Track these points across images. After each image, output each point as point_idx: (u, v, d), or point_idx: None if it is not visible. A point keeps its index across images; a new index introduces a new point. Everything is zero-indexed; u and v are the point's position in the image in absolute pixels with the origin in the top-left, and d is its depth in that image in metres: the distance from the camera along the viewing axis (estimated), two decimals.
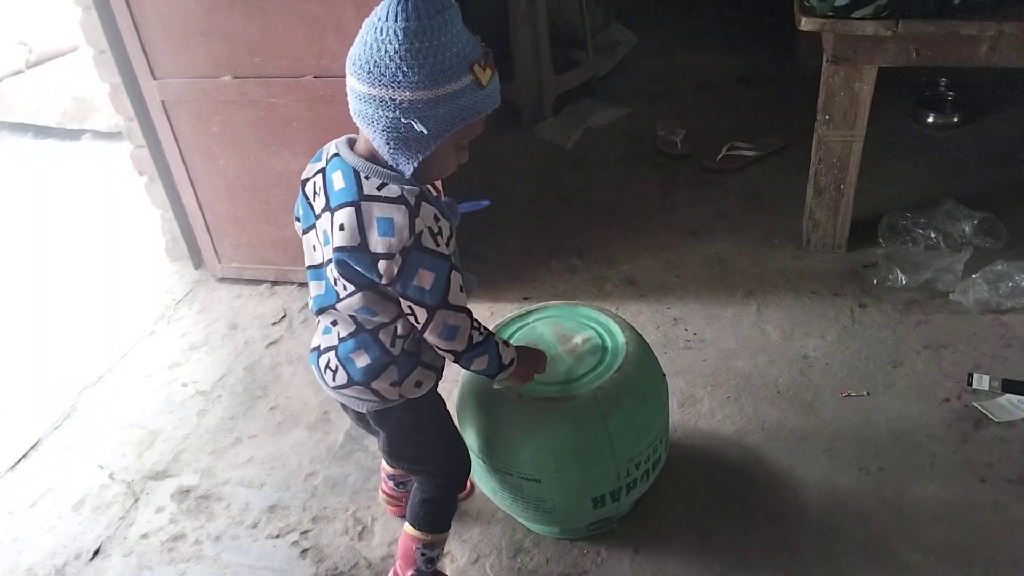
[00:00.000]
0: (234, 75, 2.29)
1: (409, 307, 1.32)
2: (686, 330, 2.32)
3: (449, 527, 1.64)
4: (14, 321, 2.77)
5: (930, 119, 3.11)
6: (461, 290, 1.33)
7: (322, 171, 1.36)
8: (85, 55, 2.54)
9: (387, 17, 1.18)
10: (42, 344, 2.64)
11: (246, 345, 2.49)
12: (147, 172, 2.64)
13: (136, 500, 2.03)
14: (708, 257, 2.60)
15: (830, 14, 2.12)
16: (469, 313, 1.36)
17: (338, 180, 1.31)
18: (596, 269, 2.61)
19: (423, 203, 1.27)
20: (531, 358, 1.52)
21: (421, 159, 1.25)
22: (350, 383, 1.43)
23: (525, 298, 2.52)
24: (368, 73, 1.19)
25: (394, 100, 1.19)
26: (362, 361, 1.40)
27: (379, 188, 1.27)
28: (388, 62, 1.18)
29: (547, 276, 2.61)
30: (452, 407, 1.76)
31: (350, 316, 1.38)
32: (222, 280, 2.77)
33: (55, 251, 3.12)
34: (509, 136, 3.40)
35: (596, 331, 1.68)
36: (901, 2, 2.06)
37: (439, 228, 1.29)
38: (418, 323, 1.33)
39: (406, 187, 1.27)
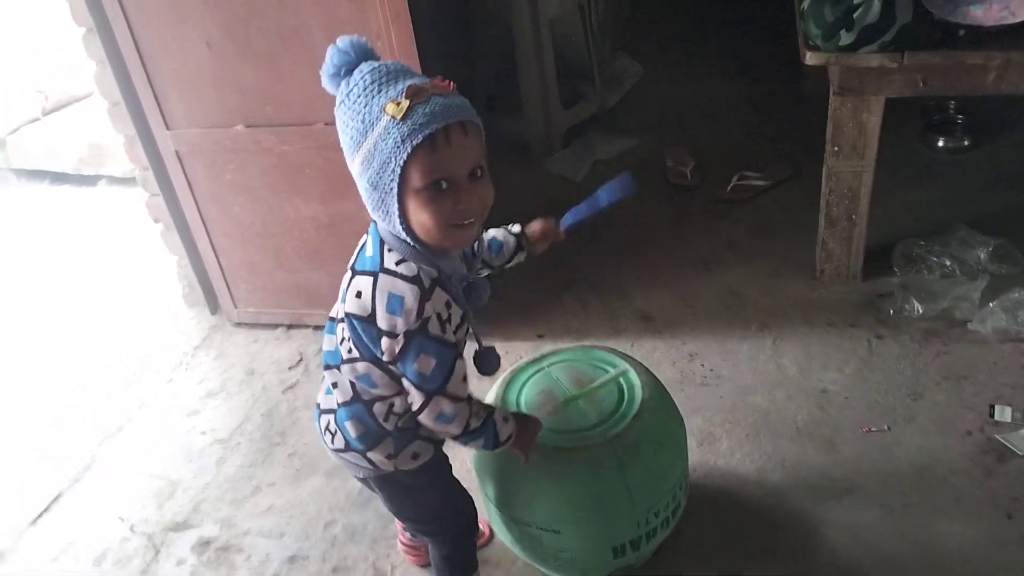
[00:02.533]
0: (246, 124, 2.32)
1: (408, 386, 1.33)
2: (702, 366, 2.31)
3: (476, 564, 1.67)
4: (33, 370, 2.80)
5: (940, 143, 3.10)
6: (464, 380, 1.33)
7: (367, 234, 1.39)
8: (100, 105, 2.58)
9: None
10: (62, 393, 2.65)
11: (263, 391, 2.50)
12: (162, 220, 2.67)
13: (157, 553, 2.04)
14: (721, 289, 2.59)
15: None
16: (468, 400, 1.35)
17: (369, 247, 1.33)
18: (609, 304, 2.61)
19: (437, 288, 1.27)
20: (528, 430, 1.50)
21: (397, 215, 1.22)
22: (347, 448, 1.44)
23: (539, 336, 2.52)
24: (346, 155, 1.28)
25: (355, 170, 1.25)
26: (356, 431, 1.41)
27: (397, 263, 1.27)
28: (342, 140, 1.26)
29: (560, 312, 2.61)
30: (468, 456, 1.76)
31: (350, 382, 1.38)
32: (238, 325, 2.78)
33: (73, 298, 3.15)
34: (519, 171, 3.42)
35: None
36: (906, 37, 2.06)
37: (448, 315, 1.27)
38: (414, 405, 1.33)
39: (424, 267, 1.27)
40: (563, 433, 1.55)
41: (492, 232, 1.58)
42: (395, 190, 1.20)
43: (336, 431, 1.44)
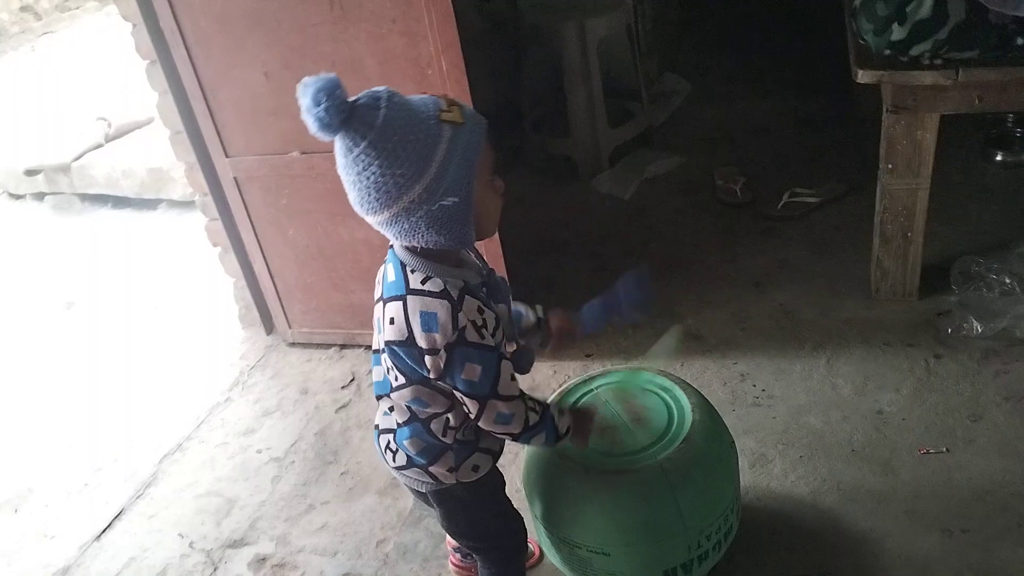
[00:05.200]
0: (302, 151, 2.38)
1: (462, 397, 1.35)
2: (754, 386, 2.29)
3: None
4: (95, 389, 2.89)
5: (998, 157, 3.03)
6: (512, 378, 1.35)
7: (385, 263, 1.40)
8: (161, 132, 2.68)
9: (350, 151, 1.20)
10: (123, 411, 2.74)
11: (317, 410, 2.55)
12: (220, 243, 2.76)
13: (215, 569, 2.09)
14: (773, 308, 2.57)
15: (887, 52, 2.10)
16: (521, 396, 1.37)
17: (390, 273, 1.35)
18: (659, 324, 2.57)
19: (467, 296, 1.30)
20: (583, 420, 1.53)
21: (472, 219, 1.26)
22: (409, 465, 1.48)
23: (587, 355, 2.53)
24: (377, 201, 1.21)
25: (414, 201, 1.21)
26: (416, 448, 1.45)
27: (423, 282, 1.30)
28: (383, 179, 1.19)
29: (609, 332, 2.60)
30: (517, 476, 1.77)
31: (405, 405, 1.42)
32: (292, 345, 2.85)
33: (133, 318, 3.26)
34: (566, 190, 3.44)
35: (661, 397, 1.68)
36: (961, 38, 2.02)
37: (483, 320, 1.30)
38: (471, 413, 1.36)
39: (449, 280, 1.29)
40: (613, 456, 1.56)
41: (517, 304, 1.58)
42: (472, 190, 1.22)
43: (397, 449, 1.48)
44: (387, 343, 1.34)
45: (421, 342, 1.29)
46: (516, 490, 2.02)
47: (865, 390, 2.21)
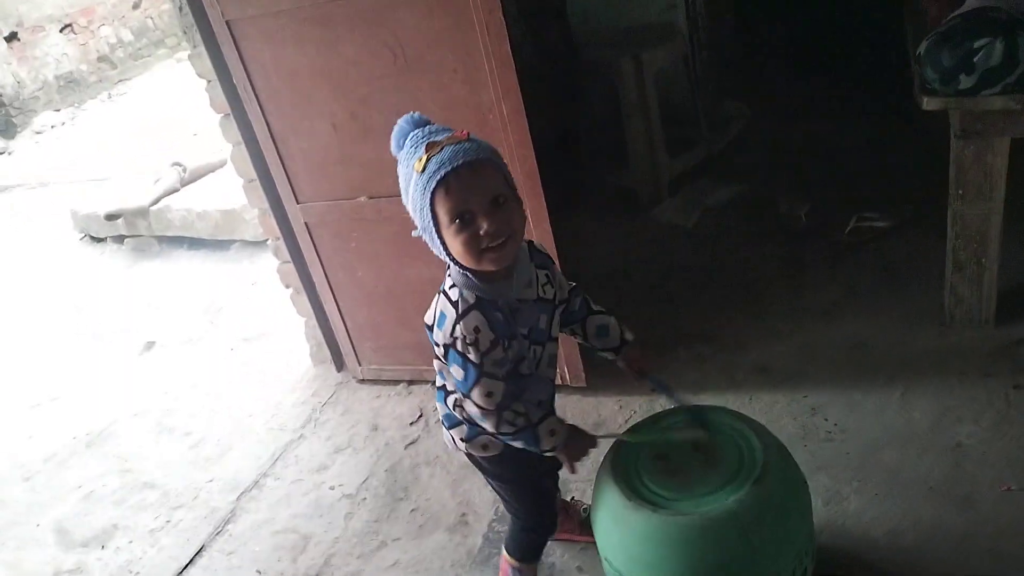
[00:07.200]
0: (369, 196, 2.46)
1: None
2: (826, 420, 2.25)
3: (532, 560, 1.89)
4: (174, 427, 3.00)
5: None
6: (489, 395, 1.49)
7: None
8: (233, 177, 2.79)
9: None
10: (202, 449, 2.84)
11: (387, 446, 2.61)
12: (293, 285, 2.85)
13: None
14: (843, 339, 2.52)
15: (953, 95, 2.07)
16: (497, 411, 1.50)
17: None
18: (725, 356, 2.58)
19: (473, 311, 1.45)
20: (578, 445, 1.61)
21: (442, 248, 1.43)
22: (443, 424, 1.70)
23: (654, 390, 2.51)
24: None
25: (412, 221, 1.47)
26: (442, 412, 1.68)
27: (450, 288, 1.50)
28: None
29: (675, 365, 2.60)
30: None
31: (441, 372, 1.63)
32: (362, 381, 2.91)
33: (211, 358, 3.38)
34: (627, 221, 3.45)
35: (731, 436, 1.66)
36: None
37: (476, 339, 1.45)
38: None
39: (466, 291, 1.46)
40: (683, 499, 1.55)
41: (611, 320, 1.74)
42: (432, 229, 1.41)
43: (437, 408, 1.72)
44: (425, 323, 1.55)
45: (435, 334, 1.51)
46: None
47: (942, 423, 2.15)
